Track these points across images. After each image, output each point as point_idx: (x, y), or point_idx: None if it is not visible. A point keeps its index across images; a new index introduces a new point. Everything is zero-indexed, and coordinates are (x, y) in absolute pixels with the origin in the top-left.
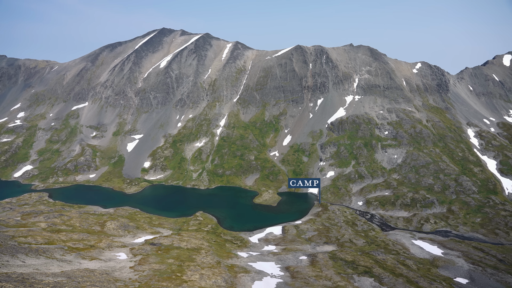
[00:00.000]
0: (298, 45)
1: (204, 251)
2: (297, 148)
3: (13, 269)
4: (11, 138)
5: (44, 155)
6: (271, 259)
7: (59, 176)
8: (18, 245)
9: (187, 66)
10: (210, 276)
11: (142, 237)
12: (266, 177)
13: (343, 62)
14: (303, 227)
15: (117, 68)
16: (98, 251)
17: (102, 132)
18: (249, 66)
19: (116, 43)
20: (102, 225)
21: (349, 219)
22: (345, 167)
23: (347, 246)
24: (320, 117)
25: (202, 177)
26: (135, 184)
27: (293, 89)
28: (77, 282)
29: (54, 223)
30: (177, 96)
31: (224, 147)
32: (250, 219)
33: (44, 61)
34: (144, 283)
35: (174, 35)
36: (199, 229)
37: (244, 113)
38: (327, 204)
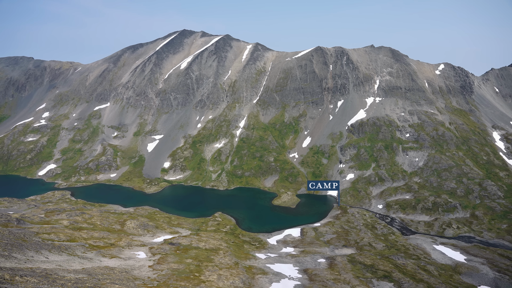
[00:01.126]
0: (319, 46)
1: (222, 251)
2: (316, 150)
3: (37, 264)
4: (36, 137)
5: (67, 154)
6: (289, 261)
7: (81, 175)
8: (42, 241)
9: (207, 67)
10: (228, 277)
11: (161, 237)
12: (285, 178)
13: (363, 63)
14: (321, 230)
15: (138, 69)
16: (118, 249)
17: (123, 132)
18: (269, 67)
19: (137, 44)
20: (122, 224)
21: (368, 222)
22: (365, 169)
23: (366, 249)
24: (340, 119)
25: (221, 178)
26: (155, 184)
27: (313, 91)
28: (97, 279)
29: (76, 221)
30: (197, 97)
31: (243, 148)
32: (269, 220)
33: (68, 62)
34: (162, 282)
35: (194, 37)
36: (217, 229)
37: (263, 115)
38: (346, 206)
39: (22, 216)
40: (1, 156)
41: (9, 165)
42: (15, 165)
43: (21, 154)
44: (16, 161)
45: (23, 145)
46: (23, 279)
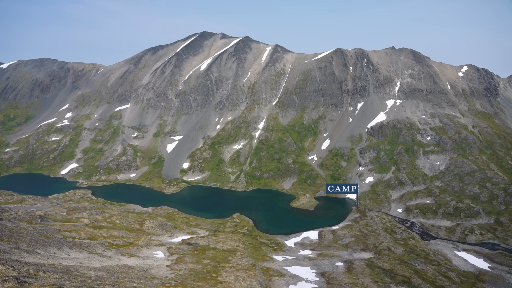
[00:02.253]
0: (338, 48)
1: (239, 253)
2: (335, 152)
3: (59, 261)
4: (59, 137)
5: (88, 154)
6: (306, 264)
7: (102, 174)
8: (63, 238)
9: (227, 69)
10: (245, 278)
11: (179, 237)
12: (304, 181)
13: (384, 65)
14: (340, 233)
15: (158, 70)
16: (137, 248)
17: (143, 133)
18: (288, 69)
19: (158, 46)
20: (141, 224)
21: (387, 226)
22: (384, 172)
23: (385, 254)
24: (360, 121)
25: (239, 180)
26: (174, 185)
27: (332, 93)
28: (116, 277)
29: (96, 220)
30: (217, 99)
31: (262, 150)
32: (287, 222)
33: (91, 64)
34: (180, 282)
35: (214, 38)
36: (235, 231)
37: (283, 116)
38: (365, 210)
39: (45, 213)
40: (27, 155)
41: (33, 164)
42: (39, 164)
43: (45, 153)
44: (40, 160)
45: (47, 144)
46: (46, 274)
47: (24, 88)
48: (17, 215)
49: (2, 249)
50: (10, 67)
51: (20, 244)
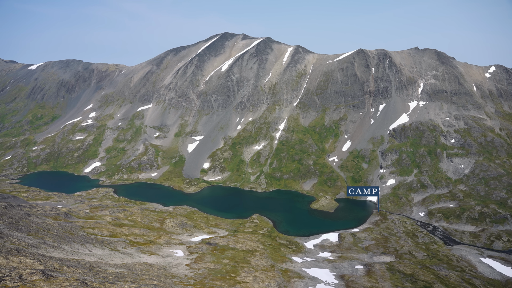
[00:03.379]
0: (360, 49)
1: (258, 253)
2: (356, 154)
3: (82, 256)
4: (83, 136)
5: (111, 153)
6: (325, 266)
7: (124, 173)
8: (86, 235)
9: (248, 69)
10: (263, 279)
11: (199, 236)
12: (324, 182)
13: (407, 66)
14: (360, 236)
15: (180, 71)
16: (157, 246)
17: (164, 132)
18: (309, 70)
19: (180, 47)
20: (162, 222)
21: (409, 230)
22: (406, 175)
23: (406, 258)
24: (382, 123)
25: (259, 180)
26: (194, 184)
27: (354, 94)
28: (137, 274)
29: (117, 218)
30: (238, 99)
31: (282, 151)
32: (306, 224)
33: (114, 64)
34: (199, 281)
35: (235, 39)
36: (254, 231)
37: (303, 117)
38: (386, 213)
39: (70, 210)
40: (52, 153)
41: (59, 162)
42: (64, 162)
43: (69, 151)
44: (65, 158)
45: (72, 143)
46: (70, 269)
47: (51, 89)
48: (43, 211)
49: (30, 243)
50: (38, 68)
51: (46, 239)
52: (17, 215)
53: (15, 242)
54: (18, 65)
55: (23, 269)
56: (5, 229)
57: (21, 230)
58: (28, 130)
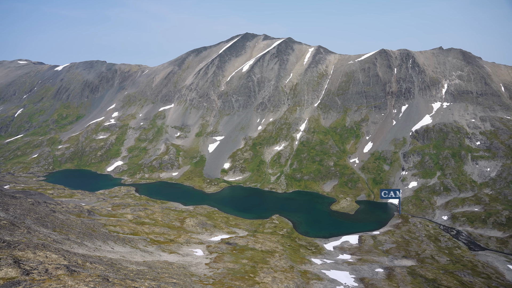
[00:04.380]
0: (383, 49)
1: (278, 254)
2: (378, 155)
3: (104, 253)
4: (106, 135)
5: (133, 152)
6: (345, 269)
7: (145, 172)
8: (108, 233)
9: (269, 70)
10: (282, 280)
11: (219, 236)
12: (345, 184)
13: (431, 66)
14: (380, 238)
15: (201, 71)
16: (177, 245)
17: (185, 132)
18: (331, 70)
19: (201, 47)
20: (182, 221)
21: (431, 233)
22: (429, 178)
23: (428, 262)
24: (404, 124)
25: (280, 181)
26: (215, 184)
27: (376, 95)
28: (157, 272)
29: (139, 216)
30: (258, 100)
31: (303, 151)
32: (326, 225)
33: (137, 65)
34: (218, 280)
35: (257, 40)
36: (274, 232)
37: (324, 118)
38: (407, 216)
39: (92, 208)
40: (77, 152)
41: (82, 160)
42: (87, 161)
43: (93, 150)
44: (88, 157)
45: (95, 142)
46: (92, 265)
47: (75, 89)
48: (67, 208)
49: (55, 239)
50: (64, 69)
51: (70, 235)
52: (43, 212)
53: (41, 238)
54: (45, 66)
55: (49, 264)
56: (32, 224)
57: (47, 226)
58: (54, 129)
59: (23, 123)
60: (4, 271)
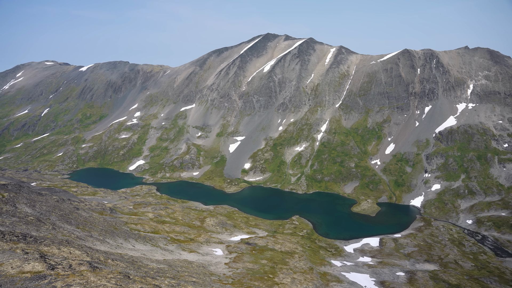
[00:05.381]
0: (406, 49)
1: (297, 255)
2: (400, 157)
3: (125, 251)
4: (128, 135)
5: (154, 151)
6: (365, 271)
7: (166, 171)
8: (129, 231)
9: (290, 70)
10: (301, 281)
11: (238, 236)
12: (366, 185)
13: (455, 66)
14: (402, 241)
15: (223, 72)
16: (197, 244)
17: (206, 132)
18: (352, 71)
19: (222, 48)
20: (202, 221)
21: (455, 238)
22: (453, 180)
23: (452, 267)
24: (427, 125)
25: (300, 182)
26: (235, 184)
27: (398, 96)
28: (177, 271)
29: (159, 215)
30: (279, 100)
31: (324, 152)
32: (347, 227)
33: (159, 65)
34: (237, 280)
35: (278, 40)
36: (294, 233)
37: (346, 119)
38: (430, 219)
39: (114, 206)
40: (100, 151)
41: (105, 159)
42: (110, 160)
43: (115, 149)
44: (111, 156)
45: (117, 141)
46: (114, 262)
47: (99, 89)
48: (90, 206)
49: (79, 235)
50: (88, 70)
51: (93, 232)
52: (67, 209)
53: (66, 234)
54: (71, 67)
55: (73, 260)
56: (57, 221)
57: (71, 223)
58: (78, 129)
59: (49, 122)
60: (32, 265)
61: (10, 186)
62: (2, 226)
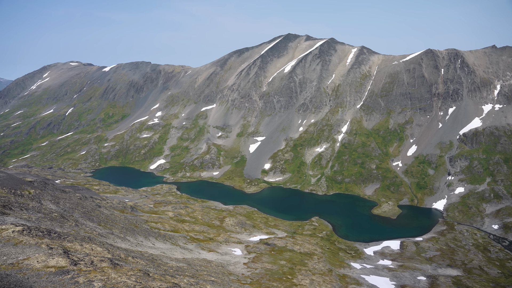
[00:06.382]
0: (429, 49)
1: (316, 257)
2: (422, 159)
3: (145, 249)
4: (149, 134)
5: (175, 151)
6: (385, 275)
7: (187, 171)
8: (150, 229)
9: (311, 71)
10: (320, 283)
11: (257, 236)
12: (387, 187)
13: (481, 66)
14: (423, 245)
15: (243, 72)
16: (216, 244)
17: (227, 132)
18: (374, 71)
19: (243, 48)
20: (221, 220)
21: (480, 243)
22: (478, 184)
23: (476, 273)
24: (451, 127)
25: (320, 183)
26: (255, 185)
27: (421, 96)
28: (196, 270)
29: (179, 214)
30: (300, 101)
31: (344, 153)
32: (367, 230)
33: (180, 66)
34: (255, 280)
35: (299, 40)
36: (313, 234)
37: (367, 120)
38: (453, 223)
39: (135, 204)
40: (121, 150)
41: (127, 158)
42: (131, 159)
43: (136, 149)
44: (132, 155)
45: (139, 141)
46: (134, 260)
47: (121, 89)
48: (112, 204)
49: (100, 233)
50: (111, 70)
51: (114, 230)
52: (90, 206)
53: (88, 231)
54: (94, 67)
55: (94, 256)
56: (80, 218)
57: (93, 220)
58: (101, 128)
59: (73, 121)
60: (56, 260)
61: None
62: (29, 222)
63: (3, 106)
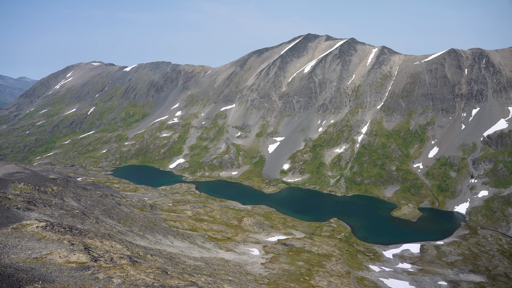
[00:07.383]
0: (452, 48)
1: (334, 258)
2: (444, 161)
3: (164, 247)
4: (169, 133)
5: (194, 150)
6: (405, 278)
7: (206, 170)
8: (168, 227)
9: (331, 71)
10: (338, 285)
11: (275, 236)
12: (407, 190)
13: (508, 66)
14: (445, 249)
15: (263, 72)
16: (234, 243)
17: (246, 132)
18: (395, 71)
19: (263, 48)
20: (240, 220)
21: (505, 248)
22: (503, 187)
23: (501, 280)
24: (475, 128)
25: (339, 184)
26: (273, 185)
27: (443, 97)
28: (213, 269)
29: (198, 213)
30: (320, 101)
31: (364, 155)
32: (386, 232)
33: (200, 66)
34: (273, 280)
35: (319, 41)
36: (331, 235)
37: (387, 121)
38: (476, 227)
39: (154, 203)
40: (141, 149)
41: (146, 157)
42: (151, 157)
43: (156, 148)
44: (152, 154)
45: (159, 140)
46: (153, 258)
47: (142, 89)
48: (131, 202)
49: (120, 230)
50: (132, 70)
51: (133, 228)
52: (110, 204)
53: (108, 228)
54: (116, 67)
55: (114, 253)
56: (100, 215)
57: (113, 218)
58: (121, 127)
59: (94, 120)
60: (77, 255)
61: (58, 180)
62: (51, 218)
63: (29, 105)
